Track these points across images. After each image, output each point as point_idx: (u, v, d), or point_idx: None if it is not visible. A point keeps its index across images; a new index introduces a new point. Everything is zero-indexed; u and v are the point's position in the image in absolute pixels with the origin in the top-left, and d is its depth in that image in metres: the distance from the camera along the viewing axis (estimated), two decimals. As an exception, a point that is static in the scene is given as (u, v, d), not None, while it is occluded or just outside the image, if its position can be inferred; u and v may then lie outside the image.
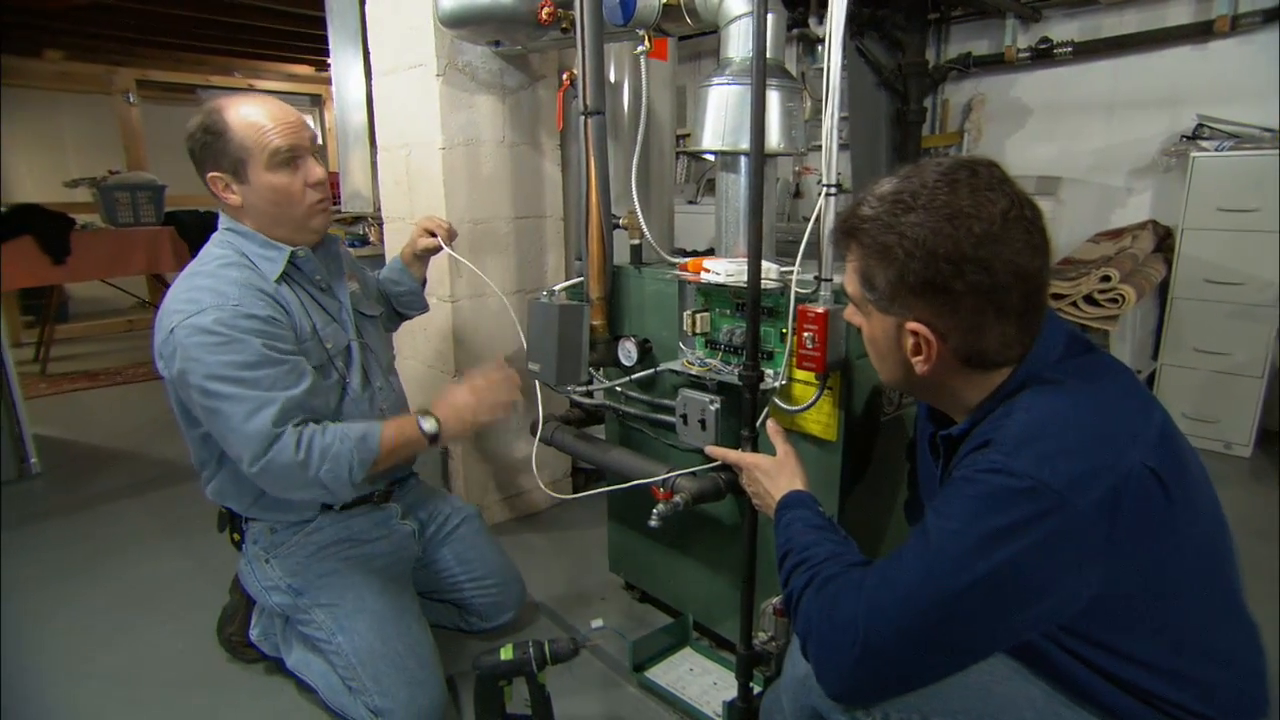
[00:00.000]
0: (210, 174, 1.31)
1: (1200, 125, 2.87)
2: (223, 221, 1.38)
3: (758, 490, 1.17)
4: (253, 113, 1.29)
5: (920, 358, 0.84)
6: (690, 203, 4.23)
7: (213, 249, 1.35)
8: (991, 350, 0.82)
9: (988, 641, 0.79)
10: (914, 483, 1.21)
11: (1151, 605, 0.79)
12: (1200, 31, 2.89)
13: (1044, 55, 3.26)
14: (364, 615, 1.38)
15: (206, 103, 1.33)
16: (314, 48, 4.79)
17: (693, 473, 1.35)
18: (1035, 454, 0.74)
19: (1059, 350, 0.84)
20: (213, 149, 1.29)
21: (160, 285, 5.01)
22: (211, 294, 1.24)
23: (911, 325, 0.82)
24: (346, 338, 1.43)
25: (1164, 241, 2.96)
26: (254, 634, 1.55)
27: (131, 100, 5.31)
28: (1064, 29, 3.25)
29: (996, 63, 3.41)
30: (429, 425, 1.32)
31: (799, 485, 1.09)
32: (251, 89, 5.97)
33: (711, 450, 1.29)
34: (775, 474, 1.13)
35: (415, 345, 2.22)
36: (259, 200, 1.32)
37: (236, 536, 1.49)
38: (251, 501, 1.40)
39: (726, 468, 1.32)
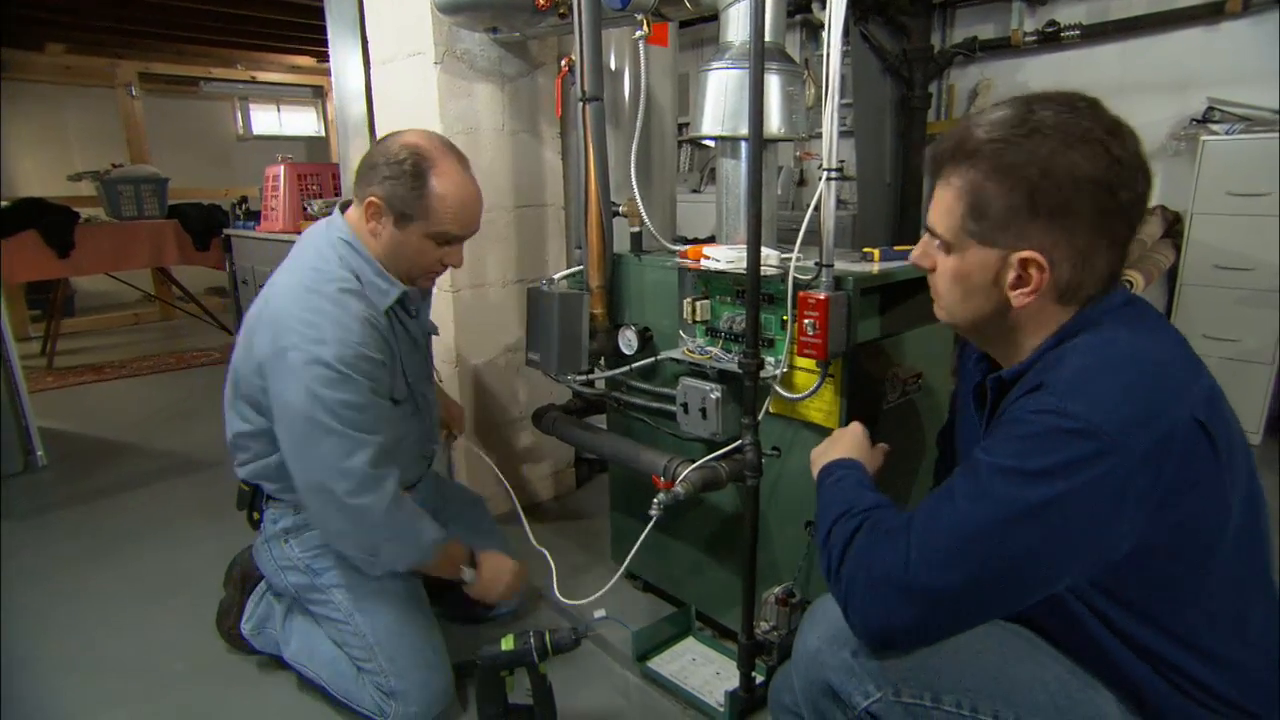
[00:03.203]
0: (372, 197, 1.29)
1: (1210, 108, 2.83)
2: (342, 229, 1.34)
3: (813, 453, 1.11)
4: (457, 192, 1.30)
5: (1024, 289, 0.81)
6: (694, 191, 4.21)
7: (332, 265, 1.31)
8: (1093, 282, 0.81)
9: (1030, 580, 0.78)
10: (942, 471, 1.20)
11: (1189, 570, 0.78)
12: (1211, 12, 2.84)
13: (1051, 38, 3.22)
14: (383, 597, 1.39)
15: (419, 139, 1.29)
16: (315, 39, 4.76)
17: (693, 461, 1.34)
18: (1089, 397, 0.74)
19: (1119, 302, 0.84)
20: (398, 185, 1.27)
21: (164, 278, 5.03)
22: (336, 326, 1.24)
23: (1024, 254, 0.80)
24: (420, 378, 1.47)
25: (1173, 227, 2.92)
26: (247, 628, 1.54)
27: (134, 93, 5.30)
28: (1071, 11, 3.20)
29: (1003, 47, 3.37)
30: (468, 575, 1.46)
31: (855, 457, 1.04)
32: (254, 81, 5.96)
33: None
34: (836, 439, 1.10)
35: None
36: (397, 247, 1.33)
37: (256, 515, 1.48)
38: (284, 487, 1.40)
39: (728, 456, 1.31)
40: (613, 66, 1.97)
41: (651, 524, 1.31)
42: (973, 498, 0.77)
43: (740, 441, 1.27)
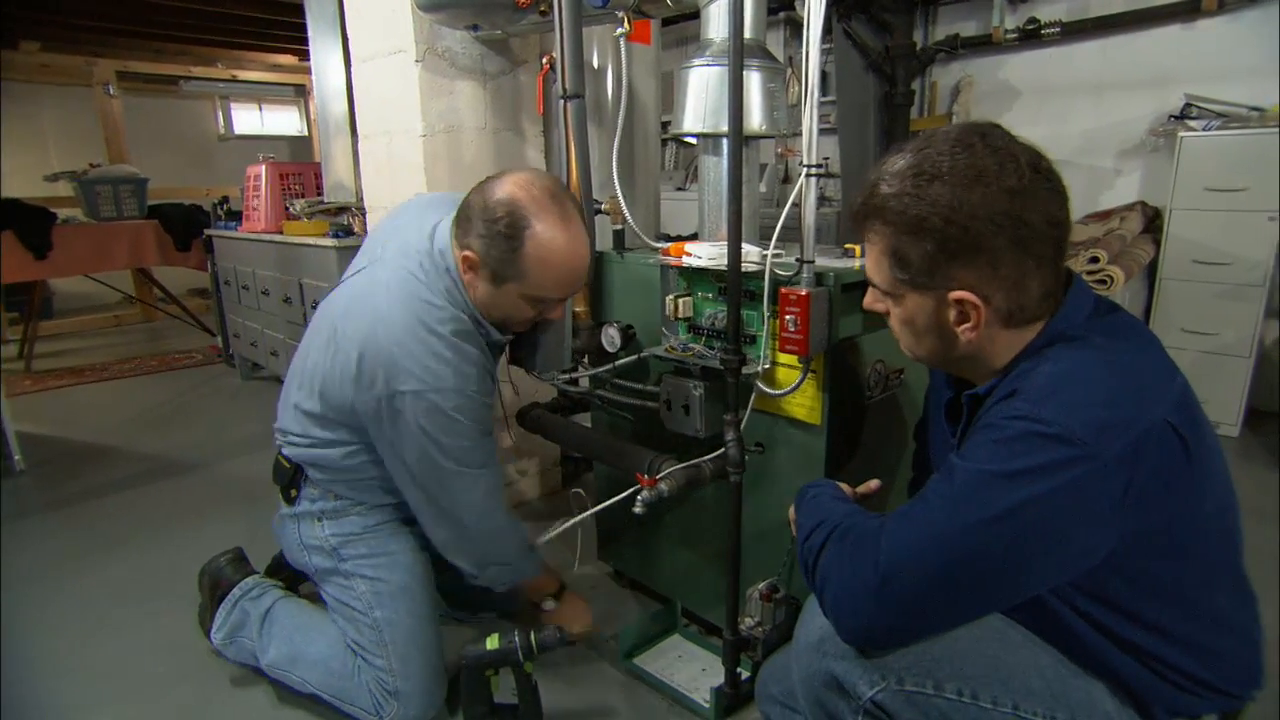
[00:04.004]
0: (468, 252, 1.24)
1: (1188, 105, 2.86)
2: (450, 261, 1.28)
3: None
4: (557, 256, 1.22)
5: (967, 325, 0.84)
6: (679, 189, 4.21)
7: (442, 298, 1.26)
8: (1032, 303, 0.83)
9: (1005, 583, 0.79)
10: (920, 463, 1.20)
11: (1166, 567, 0.80)
12: (1188, 10, 2.87)
13: (1031, 36, 3.24)
14: (406, 598, 1.39)
15: (517, 190, 1.21)
16: (296, 37, 4.73)
17: (677, 459, 1.34)
18: (1062, 403, 0.75)
19: (1087, 310, 0.85)
20: (491, 248, 1.22)
21: (145, 280, 4.98)
22: (456, 375, 1.23)
23: (956, 295, 0.82)
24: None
25: (1152, 222, 2.96)
26: (218, 638, 1.50)
27: (112, 92, 5.23)
28: (1051, 9, 3.23)
29: (984, 44, 3.39)
30: (548, 605, 1.56)
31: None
32: (235, 80, 5.90)
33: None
34: None
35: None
36: (493, 301, 1.29)
37: (294, 492, 1.44)
38: (330, 477, 1.40)
39: (711, 453, 1.31)
40: (595, 64, 1.96)
41: (596, 507, 1.31)
42: (947, 500, 0.78)
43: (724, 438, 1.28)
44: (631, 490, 1.29)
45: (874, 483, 1.12)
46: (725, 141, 1.33)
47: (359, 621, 1.38)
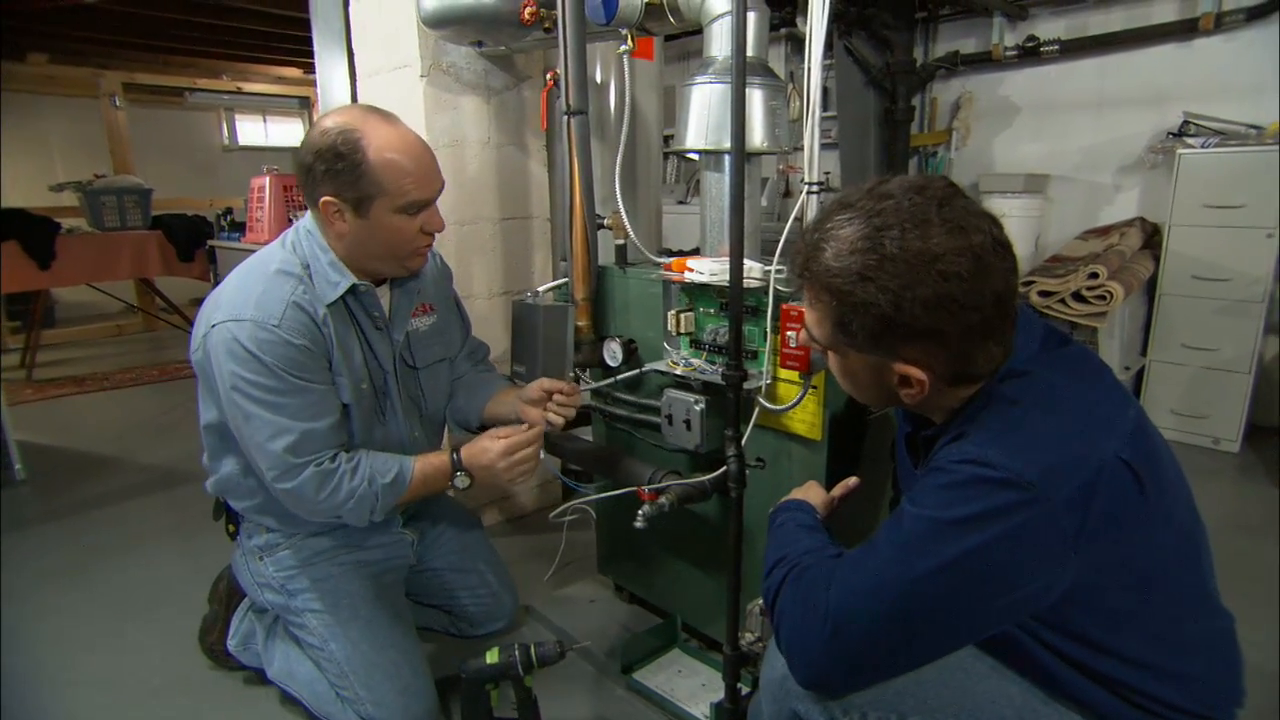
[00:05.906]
0: (325, 198, 1.21)
1: (1186, 122, 2.88)
2: (307, 222, 1.29)
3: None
4: (396, 154, 1.20)
5: (910, 391, 0.82)
6: (680, 203, 4.23)
7: (282, 249, 1.28)
8: (978, 367, 0.81)
9: (957, 629, 0.78)
10: (897, 484, 1.21)
11: (1128, 597, 0.79)
12: (1185, 29, 2.91)
13: (1031, 53, 3.27)
14: (358, 623, 1.35)
15: (337, 117, 1.21)
16: (301, 50, 4.76)
17: (678, 473, 1.34)
18: (1010, 445, 0.74)
19: (1035, 345, 0.84)
20: (339, 176, 1.19)
21: (148, 290, 5.00)
22: (257, 306, 1.19)
23: (900, 368, 0.80)
24: (384, 378, 1.38)
25: (1152, 238, 2.97)
26: (232, 644, 1.52)
27: (117, 103, 5.26)
28: (1050, 27, 3.26)
29: (984, 61, 3.42)
30: (461, 482, 1.33)
31: (806, 499, 1.07)
32: (240, 92, 5.94)
33: None
34: (795, 492, 1.12)
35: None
36: (370, 235, 1.24)
37: (232, 528, 1.46)
38: (250, 505, 1.38)
39: (712, 468, 1.31)
40: (598, 79, 1.98)
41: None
42: (896, 548, 0.77)
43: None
44: (633, 489, 1.28)
45: (852, 480, 1.11)
46: (727, 158, 1.34)
47: (319, 657, 1.36)
